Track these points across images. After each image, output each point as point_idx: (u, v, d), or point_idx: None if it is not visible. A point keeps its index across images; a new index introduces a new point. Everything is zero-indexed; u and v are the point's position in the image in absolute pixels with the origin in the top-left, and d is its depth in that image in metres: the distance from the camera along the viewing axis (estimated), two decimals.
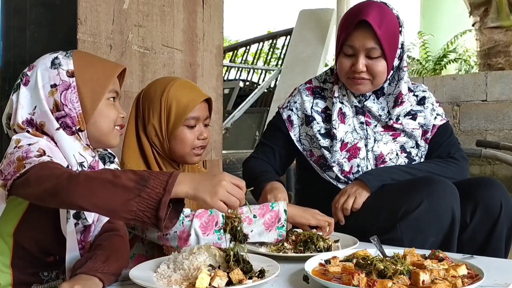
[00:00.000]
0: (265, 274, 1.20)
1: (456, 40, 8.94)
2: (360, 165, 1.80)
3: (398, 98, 1.84)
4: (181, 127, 1.59)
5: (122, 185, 1.06)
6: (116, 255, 1.24)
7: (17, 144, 1.22)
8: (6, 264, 1.26)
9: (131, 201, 1.04)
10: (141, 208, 1.04)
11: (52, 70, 1.30)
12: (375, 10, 1.74)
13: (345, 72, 1.81)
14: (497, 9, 6.28)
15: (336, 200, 1.76)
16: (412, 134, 1.86)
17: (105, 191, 1.06)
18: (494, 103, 5.21)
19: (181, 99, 1.59)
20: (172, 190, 1.06)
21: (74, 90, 1.29)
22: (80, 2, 2.09)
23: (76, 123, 1.30)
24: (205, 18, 2.90)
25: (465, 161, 1.87)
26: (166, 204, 1.05)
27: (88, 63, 1.34)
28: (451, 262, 1.26)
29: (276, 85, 7.50)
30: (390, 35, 1.75)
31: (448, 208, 1.60)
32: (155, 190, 1.05)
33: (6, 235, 1.26)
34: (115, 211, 1.07)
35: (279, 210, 1.53)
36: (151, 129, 1.60)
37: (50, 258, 1.31)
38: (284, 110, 1.95)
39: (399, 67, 1.83)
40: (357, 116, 1.87)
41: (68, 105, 1.29)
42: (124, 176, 1.07)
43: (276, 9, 15.24)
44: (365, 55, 1.76)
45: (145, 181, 1.06)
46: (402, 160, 1.84)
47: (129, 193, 1.05)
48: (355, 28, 1.75)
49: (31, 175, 1.14)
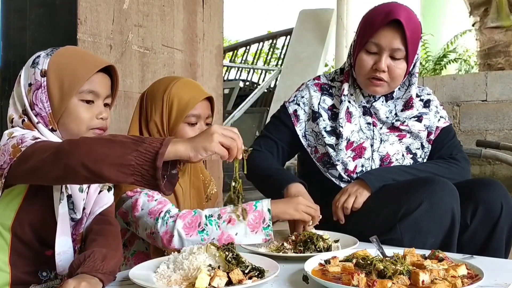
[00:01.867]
0: (264, 274, 1.20)
1: (456, 40, 8.95)
2: (364, 165, 1.80)
3: (409, 102, 1.85)
4: (182, 124, 1.60)
5: (120, 142, 1.09)
6: (113, 252, 1.24)
7: (9, 136, 1.24)
8: (4, 261, 1.26)
9: (129, 155, 1.07)
10: (139, 162, 1.07)
11: (31, 69, 1.31)
12: (405, 12, 1.74)
13: (366, 71, 1.78)
14: (497, 9, 6.29)
15: (336, 199, 1.75)
16: (418, 136, 1.86)
17: (104, 147, 1.09)
18: (494, 103, 5.20)
19: (183, 96, 1.60)
20: (169, 145, 1.09)
21: (44, 90, 1.29)
22: (80, 2, 2.09)
23: (48, 123, 1.31)
24: (205, 18, 2.90)
25: (467, 162, 1.87)
26: (163, 155, 1.07)
27: (65, 63, 1.31)
28: (451, 262, 1.26)
29: (276, 85, 7.51)
30: (415, 39, 1.75)
31: (448, 208, 1.60)
32: (152, 144, 1.08)
33: (4, 229, 1.26)
34: (115, 166, 1.08)
35: (263, 210, 1.51)
36: (153, 125, 1.61)
37: (49, 252, 1.30)
38: (290, 104, 1.93)
39: (411, 72, 1.83)
40: (364, 116, 1.87)
41: (38, 105, 1.30)
42: (121, 136, 1.12)
43: (276, 9, 15.24)
44: (389, 55, 1.75)
45: (142, 139, 1.10)
46: (408, 161, 1.84)
47: (126, 148, 1.08)
48: (385, 26, 1.73)
49: (27, 150, 1.16)
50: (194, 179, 1.75)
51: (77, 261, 1.20)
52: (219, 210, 1.50)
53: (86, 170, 1.09)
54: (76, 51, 1.39)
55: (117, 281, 1.24)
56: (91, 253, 1.20)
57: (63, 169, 1.11)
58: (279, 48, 8.76)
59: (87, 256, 1.19)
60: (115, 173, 1.08)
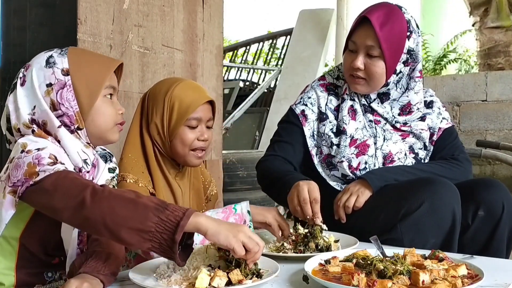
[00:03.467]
0: (264, 274, 1.20)
1: (456, 40, 8.95)
2: (368, 162, 1.81)
3: (406, 107, 1.85)
4: (183, 126, 1.60)
5: (143, 205, 1.08)
6: (115, 253, 1.24)
7: (24, 149, 1.20)
8: (11, 267, 1.26)
9: (150, 221, 1.06)
10: (159, 229, 1.06)
11: (47, 69, 1.28)
12: (382, 11, 1.75)
13: (346, 69, 1.83)
14: (497, 9, 6.28)
15: (338, 198, 1.75)
16: (421, 136, 1.86)
17: (127, 209, 1.08)
18: (494, 103, 5.20)
19: (184, 99, 1.60)
20: (191, 216, 1.08)
21: (70, 88, 1.27)
22: (80, 2, 2.09)
23: (74, 122, 1.28)
24: (205, 18, 2.90)
25: (468, 163, 1.87)
26: (183, 228, 1.06)
27: (84, 61, 1.31)
28: (451, 262, 1.26)
29: (276, 85, 7.50)
30: (393, 37, 1.75)
31: (449, 209, 1.60)
32: (174, 213, 1.07)
33: (12, 239, 1.25)
34: (134, 230, 1.06)
35: (243, 212, 1.53)
36: (153, 127, 1.61)
37: (56, 260, 1.31)
38: (296, 106, 1.93)
39: (411, 76, 1.83)
40: (365, 114, 1.88)
41: (64, 104, 1.27)
42: (145, 198, 1.10)
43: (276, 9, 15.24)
44: (365, 53, 1.77)
45: (165, 205, 1.08)
46: (410, 160, 1.84)
47: (148, 212, 1.06)
48: (358, 25, 1.78)
49: (46, 184, 1.13)
50: (194, 181, 1.75)
51: (79, 260, 1.20)
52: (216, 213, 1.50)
53: (106, 229, 1.08)
54: (86, 50, 1.42)
55: (117, 281, 1.24)
56: (93, 253, 1.20)
57: (83, 221, 1.11)
58: (279, 48, 8.75)
59: (89, 256, 1.19)
60: (133, 237, 1.07)
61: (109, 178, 1.41)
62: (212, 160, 2.96)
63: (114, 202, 1.08)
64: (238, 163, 4.14)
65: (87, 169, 1.31)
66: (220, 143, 3.17)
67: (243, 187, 4.09)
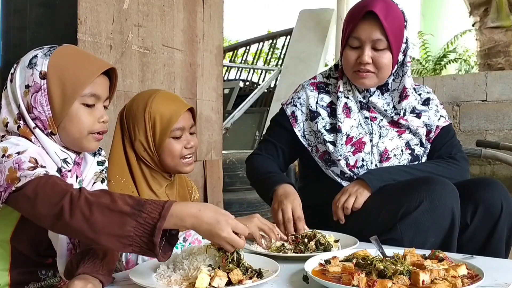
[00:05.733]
0: (264, 274, 1.20)
1: (456, 40, 8.95)
2: (364, 159, 1.81)
3: (403, 92, 1.85)
4: (168, 139, 1.59)
5: (119, 211, 1.06)
6: (111, 251, 1.24)
7: (4, 153, 1.17)
8: (5, 268, 1.26)
9: (128, 226, 1.05)
10: (138, 233, 1.05)
11: (28, 69, 1.25)
12: (381, 3, 1.76)
13: (351, 65, 1.81)
14: (497, 9, 6.28)
15: (336, 199, 1.75)
16: (417, 132, 1.86)
17: (104, 216, 1.06)
18: (494, 103, 5.20)
19: (164, 111, 1.59)
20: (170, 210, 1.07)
21: (44, 93, 1.24)
22: (80, 2, 2.09)
23: (47, 127, 1.25)
24: (205, 18, 2.90)
25: (466, 162, 1.88)
26: (161, 230, 1.05)
27: (65, 64, 1.25)
28: (451, 262, 1.26)
29: (276, 85, 7.50)
30: (396, 28, 1.76)
31: (448, 208, 1.60)
32: (150, 215, 1.06)
33: (3, 242, 1.25)
34: (113, 236, 1.06)
35: None
36: (138, 145, 1.60)
37: (49, 261, 1.31)
38: (288, 106, 1.95)
39: (403, 62, 1.84)
40: (361, 111, 1.87)
41: (37, 108, 1.24)
42: (121, 201, 1.08)
43: (276, 9, 15.23)
44: (371, 47, 1.76)
45: (142, 206, 1.07)
46: (406, 156, 1.84)
47: (125, 218, 1.06)
48: (361, 20, 1.76)
49: (28, 191, 1.10)
50: (180, 188, 1.75)
51: (76, 258, 1.20)
52: (184, 234, 1.50)
53: (85, 236, 1.08)
54: (76, 51, 1.33)
55: (117, 281, 1.24)
56: (90, 251, 1.20)
57: (64, 229, 1.11)
58: (279, 48, 8.75)
59: (86, 255, 1.19)
60: (113, 243, 1.07)
61: (98, 171, 1.39)
62: (212, 160, 2.97)
63: (91, 210, 1.07)
64: (238, 163, 4.14)
65: (68, 168, 1.29)
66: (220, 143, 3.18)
67: (243, 187, 4.09)
